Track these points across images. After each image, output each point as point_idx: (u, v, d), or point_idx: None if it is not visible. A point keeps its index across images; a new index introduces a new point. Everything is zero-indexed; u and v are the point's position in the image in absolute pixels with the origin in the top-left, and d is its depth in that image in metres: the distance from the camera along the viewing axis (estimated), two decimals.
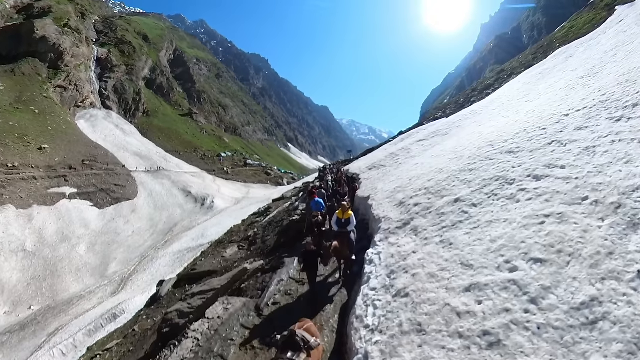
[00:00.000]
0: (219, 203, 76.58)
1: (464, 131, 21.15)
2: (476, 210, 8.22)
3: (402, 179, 15.06)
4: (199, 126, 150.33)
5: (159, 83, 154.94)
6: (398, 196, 12.28)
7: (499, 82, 50.41)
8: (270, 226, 25.90)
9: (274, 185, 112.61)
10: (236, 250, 23.90)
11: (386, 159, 26.11)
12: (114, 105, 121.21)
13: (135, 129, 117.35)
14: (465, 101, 50.47)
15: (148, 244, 59.64)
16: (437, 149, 18.87)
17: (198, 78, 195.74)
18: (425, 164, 15.33)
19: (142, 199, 74.13)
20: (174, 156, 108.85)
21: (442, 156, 15.07)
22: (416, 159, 20.07)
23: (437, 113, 53.97)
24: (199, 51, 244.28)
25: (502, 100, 27.40)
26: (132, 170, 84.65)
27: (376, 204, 13.17)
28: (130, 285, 45.34)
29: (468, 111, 30.76)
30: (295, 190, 46.67)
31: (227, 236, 35.61)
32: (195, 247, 50.66)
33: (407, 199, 11.34)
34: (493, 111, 23.78)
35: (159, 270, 47.25)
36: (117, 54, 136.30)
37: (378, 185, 16.80)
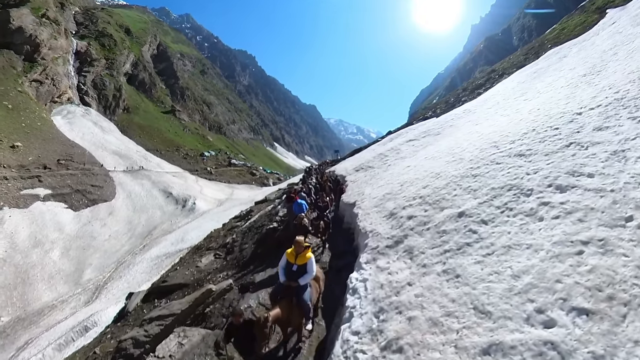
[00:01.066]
0: (200, 205, 74.76)
1: (459, 131, 19.96)
2: (487, 229, 6.76)
3: (392, 183, 13.74)
4: (181, 124, 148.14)
5: (141, 79, 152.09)
6: (388, 205, 10.88)
7: (490, 82, 50.25)
8: (250, 232, 24.46)
9: (259, 185, 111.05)
10: (212, 259, 22.43)
11: (374, 159, 24.90)
12: (92, 101, 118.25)
13: (115, 126, 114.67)
14: (456, 101, 49.99)
15: (125, 248, 57.60)
16: (431, 150, 17.56)
17: (182, 74, 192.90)
18: (418, 167, 14.00)
19: (120, 201, 71.86)
20: (155, 155, 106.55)
21: (437, 158, 13.75)
22: (407, 160, 18.78)
23: (427, 113, 53.38)
24: (184, 46, 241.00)
25: (496, 99, 26.56)
26: (110, 170, 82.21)
27: (362, 213, 11.80)
28: (105, 293, 43.36)
29: (460, 110, 29.87)
30: (279, 192, 45.20)
31: (206, 242, 34.21)
32: (174, 252, 48.88)
33: (399, 209, 9.93)
34: (489, 110, 22.82)
35: (135, 278, 45.35)
36: (98, 47, 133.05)
37: (365, 190, 15.47)
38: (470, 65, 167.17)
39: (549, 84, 21.43)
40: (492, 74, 57.43)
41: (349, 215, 14.62)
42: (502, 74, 51.20)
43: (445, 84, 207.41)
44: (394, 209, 10.08)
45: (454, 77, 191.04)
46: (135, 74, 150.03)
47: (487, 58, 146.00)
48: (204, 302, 11.59)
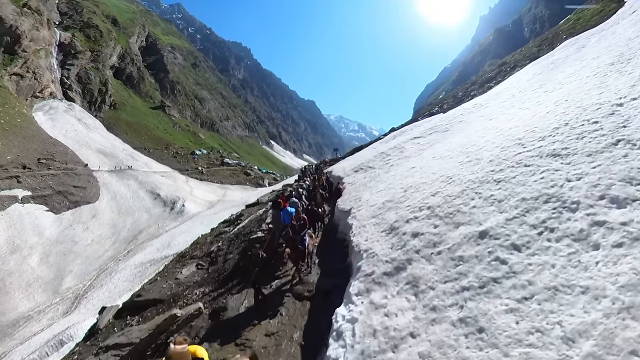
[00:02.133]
0: (190, 207, 73.49)
1: (471, 127, 18.62)
2: (521, 258, 5.32)
3: (394, 188, 12.36)
4: (171, 120, 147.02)
5: (129, 72, 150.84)
6: (389, 216, 9.51)
7: (501, 75, 49.60)
8: (237, 240, 23.18)
9: (253, 186, 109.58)
10: (193, 270, 21.12)
11: (375, 159, 23.58)
12: (77, 96, 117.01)
13: (100, 123, 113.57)
14: (465, 95, 49.17)
15: (109, 254, 56.35)
16: (439, 148, 16.18)
17: (172, 67, 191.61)
18: (425, 168, 12.63)
19: (105, 203, 70.57)
20: (142, 154, 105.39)
21: (447, 157, 12.37)
22: (412, 160, 17.40)
23: (433, 108, 52.52)
24: (175, 38, 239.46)
25: (511, 91, 25.33)
26: (94, 170, 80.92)
27: (357, 224, 10.47)
28: (84, 303, 42.25)
29: (470, 105, 28.62)
30: (273, 195, 43.78)
31: (191, 249, 33.03)
32: (159, 258, 47.66)
33: (402, 222, 8.54)
34: (503, 103, 21.56)
35: (117, 287, 44.18)
36: (82, 38, 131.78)
37: (363, 195, 14.14)
38: (479, 58, 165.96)
39: (571, 74, 20.25)
40: (503, 67, 56.78)
41: (344, 225, 13.30)
42: (514, 67, 50.54)
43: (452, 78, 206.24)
44: (395, 221, 8.70)
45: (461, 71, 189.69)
46: (122, 68, 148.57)
47: (496, 51, 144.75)
48: (167, 330, 10.21)
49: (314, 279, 10.58)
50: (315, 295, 9.39)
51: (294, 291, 9.89)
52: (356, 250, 8.59)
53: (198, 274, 19.89)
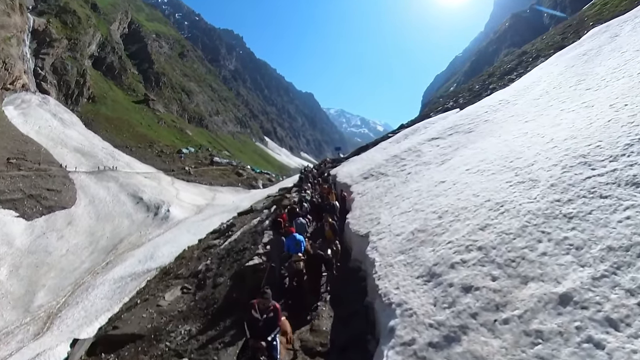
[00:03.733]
0: (176, 212, 72.41)
1: (502, 129, 17.55)
2: (622, 342, 4.11)
3: (422, 209, 11.13)
4: (156, 116, 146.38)
5: (109, 62, 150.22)
6: (424, 254, 8.27)
7: (522, 67, 48.93)
8: (228, 257, 21.97)
9: (246, 188, 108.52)
10: (178, 295, 19.91)
11: (388, 164, 22.33)
12: (52, 88, 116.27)
13: (78, 118, 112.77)
14: (483, 88, 48.39)
15: (85, 266, 55.22)
16: (468, 156, 15.03)
17: (157, 57, 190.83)
18: (460, 186, 11.38)
19: (82, 208, 69.56)
20: (124, 153, 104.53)
21: (487, 172, 11.14)
22: (434, 169, 16.24)
23: (447, 102, 51.60)
24: (160, 25, 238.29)
25: (542, 87, 24.11)
26: (70, 171, 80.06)
27: (381, 261, 9.21)
28: (57, 324, 41.20)
29: (494, 101, 27.38)
30: (269, 200, 42.41)
31: (176, 264, 31.83)
32: (141, 272, 46.65)
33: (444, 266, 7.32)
34: (537, 101, 20.41)
35: (94, 305, 43.16)
36: (58, 25, 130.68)
37: (381, 215, 12.91)
38: (494, 46, 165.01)
39: (614, 68, 19.12)
40: (524, 57, 55.95)
41: (358, 250, 12.10)
42: (536, 57, 49.80)
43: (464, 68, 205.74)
44: (435, 264, 7.46)
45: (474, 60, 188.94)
46: (102, 57, 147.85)
47: (513, 39, 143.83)
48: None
49: (326, 324, 9.42)
50: (330, 351, 8.25)
51: (304, 344, 8.74)
52: (384, 301, 7.33)
53: (183, 300, 18.72)
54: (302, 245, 10.92)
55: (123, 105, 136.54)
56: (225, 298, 14.57)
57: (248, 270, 13.73)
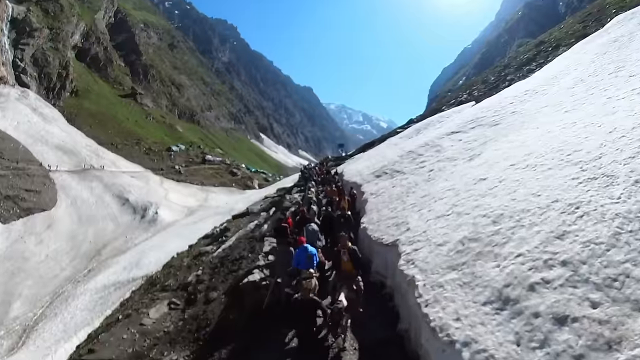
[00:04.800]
0: (164, 214, 71.25)
1: (537, 121, 16.40)
2: None
3: (467, 212, 9.76)
4: (144, 111, 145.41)
5: (94, 54, 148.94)
6: (486, 271, 6.84)
7: (542, 56, 48.69)
8: (222, 267, 20.60)
9: (241, 188, 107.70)
10: (165, 311, 18.56)
11: (403, 160, 21.03)
12: (32, 81, 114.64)
13: (60, 113, 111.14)
14: (499, 80, 47.79)
15: (66, 273, 53.94)
16: (507, 150, 13.78)
17: (145, 48, 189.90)
18: (508, 183, 10.02)
19: (63, 210, 68.30)
20: (109, 150, 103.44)
21: (540, 167, 9.84)
22: (465, 166, 14.92)
23: (461, 95, 50.76)
24: (149, 14, 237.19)
25: (574, 75, 23.01)
26: (51, 170, 78.64)
27: (424, 279, 7.79)
28: (33, 338, 39.89)
29: (518, 92, 26.21)
30: (267, 202, 41.05)
31: (164, 274, 30.62)
32: (126, 281, 45.33)
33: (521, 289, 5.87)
34: (572, 90, 19.25)
35: (74, 317, 41.82)
36: (39, 14, 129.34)
37: (410, 219, 11.52)
38: (505, 37, 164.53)
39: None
40: (542, 47, 55.56)
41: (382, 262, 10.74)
42: (556, 46, 49.44)
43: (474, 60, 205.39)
44: (506, 285, 5.97)
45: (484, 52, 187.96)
46: (86, 48, 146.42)
47: (526, 29, 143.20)
48: None
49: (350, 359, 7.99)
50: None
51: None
52: (442, 338, 5.83)
53: (171, 317, 17.37)
54: (314, 260, 9.40)
55: (108, 99, 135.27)
56: (219, 319, 13.13)
57: (248, 287, 12.20)
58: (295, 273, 9.54)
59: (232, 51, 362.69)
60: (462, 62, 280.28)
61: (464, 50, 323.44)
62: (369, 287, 10.51)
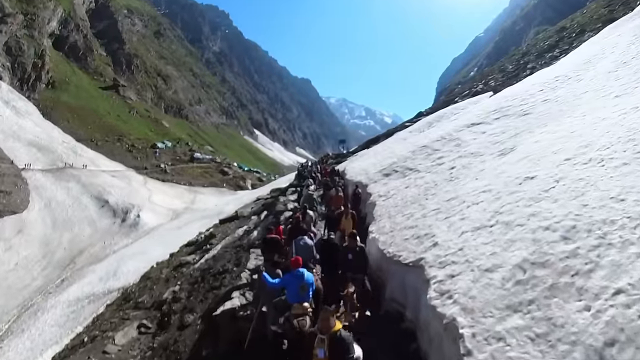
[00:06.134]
0: (147, 218, 69.63)
1: (580, 108, 15.11)
2: None
3: (516, 222, 7.96)
4: (127, 104, 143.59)
5: (73, 42, 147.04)
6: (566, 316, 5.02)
7: (565, 42, 47.60)
8: (203, 283, 18.98)
9: (232, 188, 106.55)
10: (133, 336, 16.94)
11: (416, 156, 19.53)
12: (4, 72, 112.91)
13: (35, 107, 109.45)
14: (519, 69, 46.56)
15: (37, 283, 52.39)
16: (552, 141, 12.32)
17: (129, 36, 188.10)
18: (569, 182, 8.27)
19: (36, 212, 66.80)
20: (88, 147, 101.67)
21: (608, 162, 8.35)
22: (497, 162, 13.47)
23: (476, 86, 49.37)
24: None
25: (615, 59, 21.89)
26: (23, 169, 77.03)
27: (469, 321, 5.94)
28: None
29: (547, 78, 24.79)
30: (259, 205, 39.32)
31: (139, 287, 29.05)
32: (101, 293, 43.65)
33: (634, 349, 4.17)
34: (614, 74, 18.08)
35: (42, 334, 40.08)
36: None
37: (436, 230, 9.75)
38: (521, 25, 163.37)
39: None
40: (565, 33, 54.31)
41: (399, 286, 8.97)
42: (580, 32, 48.28)
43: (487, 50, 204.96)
44: (610, 342, 4.23)
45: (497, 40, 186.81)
46: (64, 36, 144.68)
47: (544, 15, 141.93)
48: None
49: None
50: None
51: None
52: None
53: (139, 344, 15.74)
54: (310, 290, 7.40)
55: (88, 92, 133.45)
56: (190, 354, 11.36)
57: (224, 317, 10.36)
58: (284, 307, 7.55)
59: (224, 40, 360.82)
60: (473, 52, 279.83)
61: (476, 39, 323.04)
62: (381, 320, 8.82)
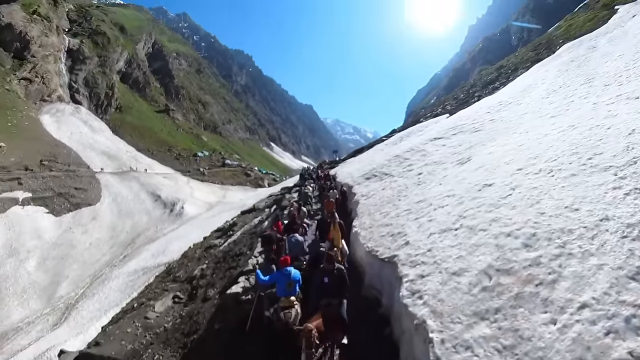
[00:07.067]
0: (189, 209, 68.42)
1: (522, 126, 14.23)
2: None
3: (480, 227, 6.73)
4: (175, 123, 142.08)
5: (135, 77, 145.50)
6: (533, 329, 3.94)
7: (503, 77, 46.84)
8: (224, 262, 17.97)
9: (253, 187, 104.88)
10: (169, 305, 15.87)
11: (390, 164, 18.38)
12: (84, 99, 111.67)
13: (106, 125, 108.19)
14: (468, 96, 45.48)
15: (106, 258, 51.38)
16: (503, 154, 11.27)
17: (177, 73, 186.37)
18: (524, 191, 7.11)
19: (105, 205, 65.49)
20: (146, 155, 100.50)
21: (558, 172, 7.11)
22: (457, 170, 12.39)
23: (436, 109, 48.13)
24: (180, 45, 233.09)
25: (546, 87, 20.90)
26: (97, 172, 75.72)
27: (438, 325, 4.81)
28: (73, 315, 37.42)
29: (491, 103, 23.85)
30: (270, 200, 38.13)
31: (179, 263, 27.86)
32: (152, 266, 42.67)
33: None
34: (547, 99, 17.19)
35: (108, 297, 39.39)
36: (90, 45, 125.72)
37: (407, 229, 8.61)
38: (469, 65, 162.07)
39: (625, 67, 15.65)
40: (503, 70, 53.07)
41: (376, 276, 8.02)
42: (515, 69, 47.09)
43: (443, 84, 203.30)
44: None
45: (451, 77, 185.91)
46: (128, 73, 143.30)
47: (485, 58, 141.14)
48: None
49: None
50: None
51: None
52: None
53: (172, 312, 14.72)
54: (296, 287, 6.54)
55: (146, 114, 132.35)
56: (207, 326, 10.42)
57: (230, 300, 9.34)
58: (274, 298, 6.80)
59: (248, 76, 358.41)
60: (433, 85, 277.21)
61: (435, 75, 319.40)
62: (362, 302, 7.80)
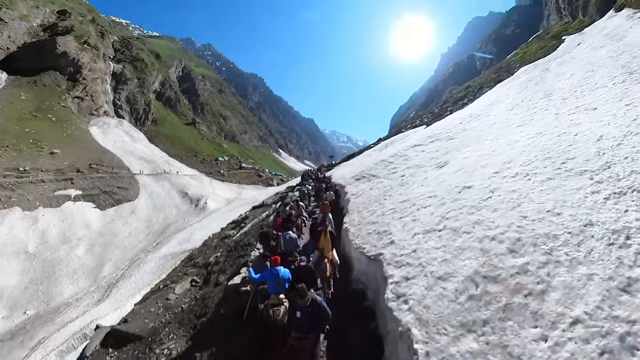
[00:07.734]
0: (211, 204, 67.64)
1: (493, 134, 13.38)
2: None
3: (464, 230, 5.80)
4: (200, 134, 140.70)
5: (168, 96, 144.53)
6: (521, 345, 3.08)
7: (471, 94, 46.36)
8: (235, 251, 17.18)
9: (264, 186, 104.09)
10: (187, 287, 15.10)
11: (377, 167, 17.63)
12: (125, 114, 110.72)
13: (144, 135, 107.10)
14: (442, 111, 44.75)
15: (142, 244, 50.80)
16: (477, 158, 10.56)
17: (202, 92, 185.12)
18: (504, 194, 6.27)
19: (142, 201, 64.70)
20: (176, 160, 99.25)
21: (534, 176, 6.39)
22: (437, 172, 11.60)
23: (415, 121, 47.35)
24: (205, 70, 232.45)
25: (509, 102, 20.20)
26: (135, 173, 74.79)
27: (423, 335, 3.83)
28: (114, 293, 37.13)
29: (462, 115, 23.07)
30: (277, 197, 37.32)
31: (199, 251, 27.08)
32: (179, 252, 41.93)
33: None
34: (512, 112, 16.42)
35: (142, 277, 38.93)
36: (131, 69, 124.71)
37: (392, 228, 7.67)
38: (441, 86, 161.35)
39: (579, 84, 14.93)
40: (470, 89, 52.44)
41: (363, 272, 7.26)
42: (480, 88, 46.51)
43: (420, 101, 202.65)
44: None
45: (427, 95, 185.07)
46: (162, 92, 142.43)
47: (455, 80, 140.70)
48: None
49: None
50: None
51: None
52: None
53: (190, 294, 13.95)
54: (285, 285, 5.60)
55: (177, 126, 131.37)
56: (215, 310, 9.68)
57: (230, 291, 8.53)
58: (264, 295, 5.95)
59: (261, 95, 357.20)
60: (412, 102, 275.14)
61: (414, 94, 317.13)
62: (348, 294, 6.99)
